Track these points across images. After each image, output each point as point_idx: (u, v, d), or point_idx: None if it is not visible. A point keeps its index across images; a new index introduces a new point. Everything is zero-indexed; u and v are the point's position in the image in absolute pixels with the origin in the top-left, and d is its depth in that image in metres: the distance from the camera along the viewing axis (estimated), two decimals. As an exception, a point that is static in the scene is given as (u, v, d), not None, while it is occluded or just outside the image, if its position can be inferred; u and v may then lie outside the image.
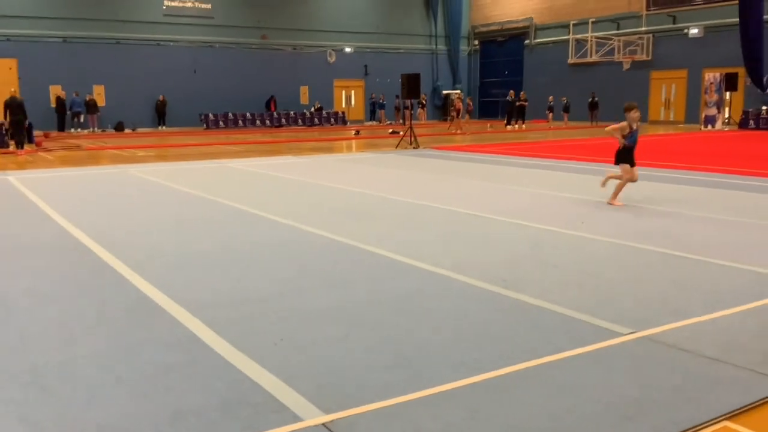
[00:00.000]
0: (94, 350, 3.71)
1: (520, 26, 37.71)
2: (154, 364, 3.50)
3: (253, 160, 15.40)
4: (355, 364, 3.46)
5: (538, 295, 4.59)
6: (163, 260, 5.80)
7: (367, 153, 17.57)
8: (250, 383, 3.25)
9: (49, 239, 6.78)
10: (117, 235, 6.87)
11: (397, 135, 22.58)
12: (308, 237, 6.74)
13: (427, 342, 3.77)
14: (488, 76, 40.52)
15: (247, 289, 4.90)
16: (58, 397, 3.13)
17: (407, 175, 12.26)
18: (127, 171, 13.25)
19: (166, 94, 30.98)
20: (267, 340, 3.83)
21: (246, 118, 32.54)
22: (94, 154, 18.25)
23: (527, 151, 16.73)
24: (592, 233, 6.67)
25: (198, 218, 7.92)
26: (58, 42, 29.12)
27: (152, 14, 30.97)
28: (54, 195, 9.89)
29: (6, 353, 3.67)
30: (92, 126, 29.19)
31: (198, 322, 4.15)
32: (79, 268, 5.58)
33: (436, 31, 39.12)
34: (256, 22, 33.45)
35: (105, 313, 4.37)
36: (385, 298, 4.62)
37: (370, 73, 37.14)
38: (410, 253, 5.86)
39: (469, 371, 3.34)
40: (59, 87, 28.75)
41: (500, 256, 5.82)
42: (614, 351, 3.62)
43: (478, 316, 4.22)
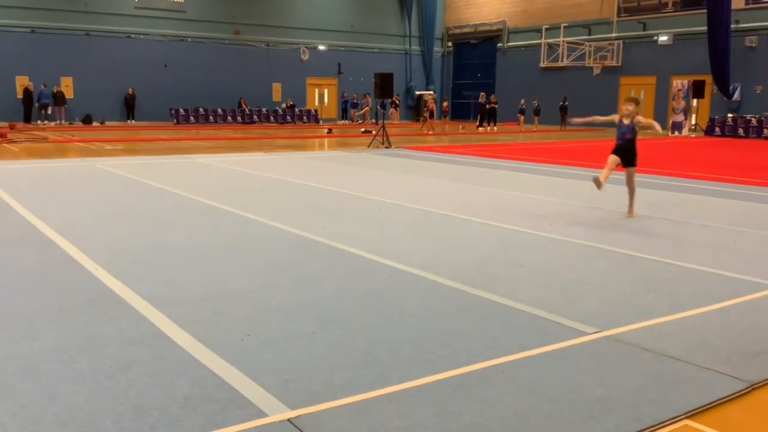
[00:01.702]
0: (56, 344, 3.64)
1: (494, 29, 37.96)
2: (117, 359, 3.44)
3: (223, 156, 15.26)
4: (322, 361, 3.45)
5: (505, 294, 4.63)
6: (129, 255, 5.72)
7: (340, 151, 17.54)
8: (215, 379, 3.22)
9: (12, 232, 6.64)
10: (83, 229, 6.76)
11: (369, 134, 22.56)
12: (278, 233, 6.70)
13: (394, 339, 3.77)
14: (461, 78, 40.71)
15: (214, 284, 4.85)
16: (18, 391, 3.06)
17: (379, 174, 12.26)
18: (94, 164, 13.04)
19: (136, 88, 30.56)
20: (234, 337, 3.79)
21: (217, 113, 32.23)
22: (61, 146, 17.92)
23: (497, 153, 16.85)
24: (560, 234, 6.74)
25: (166, 213, 7.82)
26: (26, 32, 28.52)
27: (123, 6, 30.50)
28: (19, 187, 9.68)
29: (-36, 347, 3.58)
30: (60, 118, 28.66)
31: (163, 317, 4.10)
32: (43, 261, 5.47)
33: (410, 32, 39.19)
34: (229, 17, 33.17)
35: (68, 307, 4.28)
36: (353, 296, 4.61)
37: (343, 72, 37.06)
38: (380, 251, 5.86)
39: (436, 369, 3.34)
40: (26, 78, 28.18)
41: (469, 255, 5.85)
42: (579, 350, 3.65)
43: (446, 314, 4.24)
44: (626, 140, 7.64)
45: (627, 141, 7.64)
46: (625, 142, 7.65)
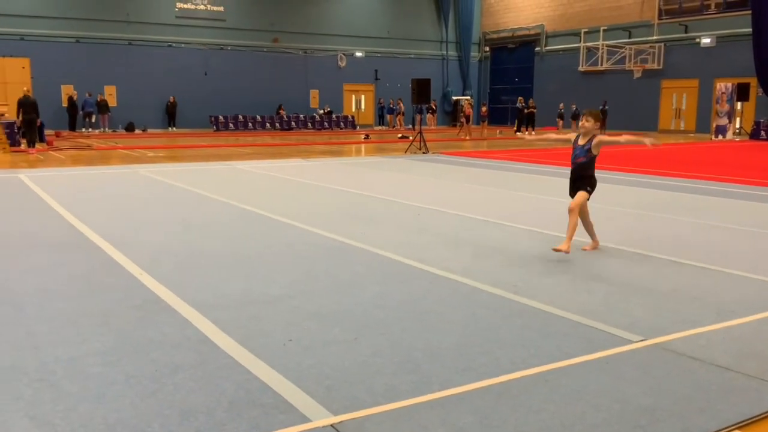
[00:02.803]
0: (104, 348, 3.71)
1: (532, 33, 37.69)
2: (162, 363, 3.50)
3: (262, 163, 15.43)
4: (363, 367, 3.45)
5: (548, 301, 4.57)
6: (172, 260, 5.81)
7: (377, 157, 17.58)
8: (258, 383, 3.25)
9: (59, 237, 6.81)
10: (127, 234, 6.89)
11: (406, 140, 22.58)
12: (317, 239, 6.74)
13: (435, 346, 3.76)
14: (498, 83, 40.50)
15: (255, 289, 4.90)
16: (67, 394, 3.13)
17: (416, 180, 12.25)
18: (137, 171, 13.30)
19: (177, 96, 31.12)
20: (276, 341, 3.82)
21: (256, 120, 32.63)
22: (105, 153, 18.34)
23: (536, 158, 16.70)
24: (602, 239, 6.64)
25: (207, 219, 7.94)
26: (71, 42, 29.29)
27: (164, 16, 31.12)
28: (64, 193, 9.93)
29: (16, 350, 3.68)
30: (103, 126, 29.34)
31: (207, 322, 4.15)
32: (89, 266, 5.60)
33: (446, 37, 39.15)
34: (268, 25, 33.57)
35: (114, 311, 4.37)
36: (393, 301, 4.61)
37: (380, 78, 37.18)
38: (419, 257, 5.85)
39: (478, 376, 3.32)
40: (71, 87, 28.91)
41: (510, 261, 5.80)
42: (625, 358, 3.59)
43: (487, 320, 4.21)
44: (578, 165, 6.15)
45: (578, 166, 6.14)
46: (576, 168, 6.16)
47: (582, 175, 6.12)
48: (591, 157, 6.11)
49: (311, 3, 34.76)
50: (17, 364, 3.48)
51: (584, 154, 6.11)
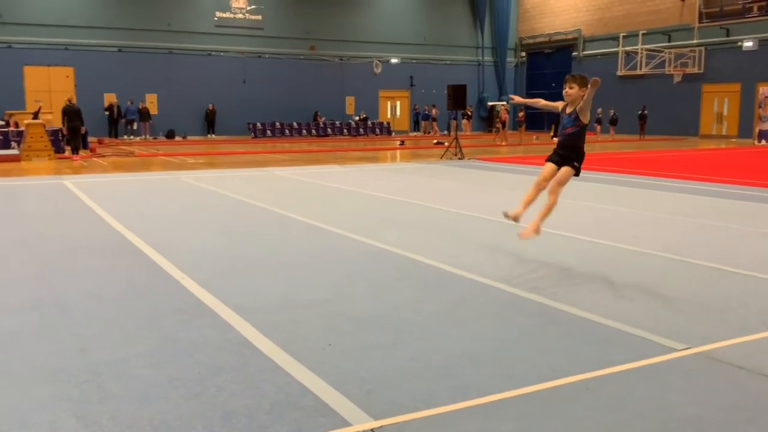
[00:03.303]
0: (147, 350, 3.79)
1: (569, 38, 37.36)
2: (205, 365, 3.55)
3: (299, 169, 15.57)
4: (402, 372, 3.46)
5: (589, 308, 4.52)
6: (213, 264, 5.90)
7: (413, 163, 17.59)
8: (299, 387, 3.27)
9: (103, 242, 6.96)
10: (168, 239, 7.02)
11: (442, 146, 22.56)
12: (354, 244, 6.77)
13: (474, 351, 3.74)
14: (535, 88, 40.19)
15: (294, 294, 4.95)
16: (113, 395, 3.20)
17: (452, 186, 12.22)
18: (178, 177, 13.53)
19: (216, 103, 31.60)
20: (315, 345, 3.85)
21: (293, 127, 32.95)
22: (146, 160, 18.70)
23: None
24: (643, 247, 6.54)
25: (246, 224, 8.03)
26: (114, 51, 29.98)
27: (204, 25, 31.67)
28: (108, 199, 10.15)
29: (63, 352, 3.77)
30: (144, 133, 29.93)
31: (247, 325, 4.20)
32: (133, 270, 5.72)
33: (482, 43, 39.04)
34: (304, 33, 33.91)
35: (157, 314, 4.46)
36: (431, 307, 4.61)
37: (415, 84, 37.23)
38: (456, 263, 5.84)
39: (519, 382, 3.30)
40: (114, 95, 29.57)
41: (549, 267, 5.75)
42: (668, 366, 3.53)
43: (526, 327, 4.17)
44: (566, 135, 5.57)
45: (567, 136, 5.56)
46: (565, 138, 5.59)
47: (571, 146, 5.54)
48: (580, 126, 5.46)
49: (347, 11, 35.01)
50: (65, 365, 3.57)
51: (572, 123, 5.49)
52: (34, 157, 17.68)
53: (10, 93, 27.55)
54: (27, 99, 28.17)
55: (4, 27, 27.86)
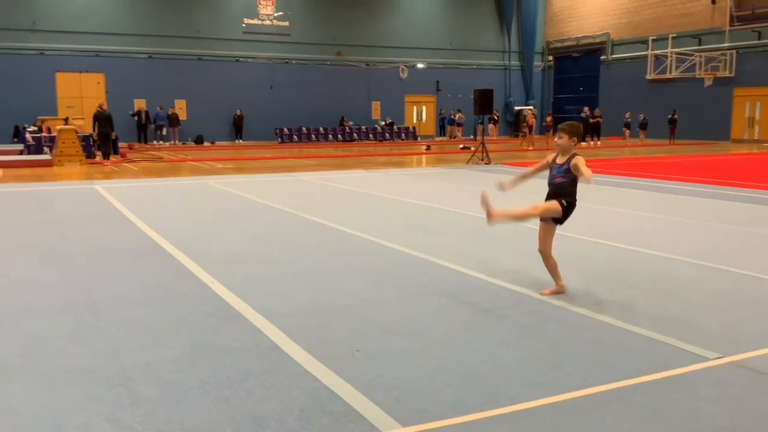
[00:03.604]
0: (178, 354, 3.83)
1: (597, 42, 37.02)
2: (235, 369, 3.59)
3: (325, 174, 15.63)
4: (431, 379, 3.45)
5: (617, 315, 4.47)
6: (241, 268, 5.95)
7: (439, 168, 17.56)
8: (327, 392, 3.29)
9: (134, 246, 7.06)
10: (198, 243, 7.10)
11: (468, 150, 22.49)
12: (381, 249, 6.78)
13: (503, 359, 3.73)
14: (562, 92, 39.92)
15: (322, 299, 4.97)
16: (145, 399, 3.24)
17: (479, 191, 12.16)
18: (206, 182, 13.68)
19: (244, 109, 31.89)
20: (343, 350, 3.87)
21: (319, 132, 33.11)
22: (176, 165, 18.93)
23: (602, 169, 16.36)
24: (672, 253, 6.45)
25: (273, 229, 8.09)
26: (144, 58, 30.42)
27: (232, 32, 31.99)
28: (138, 204, 10.30)
29: (96, 355, 3.83)
30: (174, 139, 30.30)
31: (276, 330, 4.23)
32: (163, 274, 5.79)
33: (509, 47, 38.88)
34: (331, 39, 34.08)
35: (188, 318, 4.51)
36: (459, 313, 4.59)
37: (441, 89, 37.20)
38: (484, 269, 5.82)
39: (548, 391, 3.27)
40: (143, 101, 30.00)
41: (578, 274, 5.70)
42: (700, 376, 3.48)
43: (557, 335, 4.14)
44: (554, 185, 5.10)
45: (555, 186, 5.08)
46: (554, 188, 5.10)
47: (560, 194, 5.05)
48: (571, 178, 4.99)
49: (374, 17, 35.12)
50: (98, 368, 3.63)
51: (562, 173, 5.03)
52: (66, 162, 18.00)
53: (43, 99, 28.09)
54: (59, 105, 28.70)
55: (36, 34, 28.43)
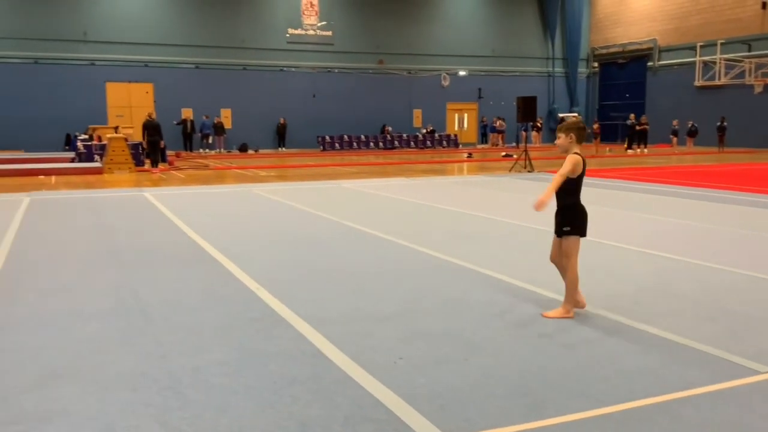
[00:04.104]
0: (225, 358, 3.90)
1: (643, 48, 36.43)
2: (280, 375, 3.63)
3: (367, 181, 15.70)
4: (475, 388, 3.44)
5: (666, 328, 4.39)
6: (285, 275, 6.02)
7: (481, 176, 17.48)
8: (371, 399, 3.30)
9: (182, 252, 7.21)
10: (243, 250, 7.21)
11: (510, 158, 22.34)
12: (422, 257, 6.78)
13: (548, 369, 3.69)
14: (608, 99, 39.36)
15: (365, 306, 5.00)
16: (193, 402, 3.31)
17: (521, 199, 12.07)
18: (250, 190, 13.88)
19: (287, 117, 32.29)
20: (386, 358, 3.88)
21: (360, 140, 33.29)
22: (221, 173, 19.26)
23: (649, 177, 16.07)
24: (724, 264, 6.30)
25: (316, 236, 8.16)
26: (191, 68, 31.08)
27: (277, 42, 32.46)
28: (185, 210, 10.50)
29: (146, 359, 3.93)
30: (219, 147, 30.83)
31: (320, 336, 4.27)
32: (210, 279, 5.90)
33: (553, 53, 38.54)
34: (374, 47, 34.30)
35: (234, 323, 4.58)
36: (503, 323, 4.56)
37: (483, 97, 37.05)
38: (528, 278, 5.77)
39: (596, 402, 3.23)
40: (190, 110, 30.61)
41: (624, 284, 5.61)
42: (752, 389, 3.39)
43: (603, 346, 4.08)
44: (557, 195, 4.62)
45: (557, 194, 4.60)
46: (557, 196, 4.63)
47: (559, 207, 4.65)
48: (568, 182, 4.54)
49: (416, 25, 35.23)
50: (148, 371, 3.71)
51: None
52: (116, 170, 18.48)
53: (93, 108, 28.91)
54: (109, 114, 29.50)
55: (88, 45, 29.29)
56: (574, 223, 4.56)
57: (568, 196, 4.56)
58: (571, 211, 4.57)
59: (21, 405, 3.29)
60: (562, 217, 4.60)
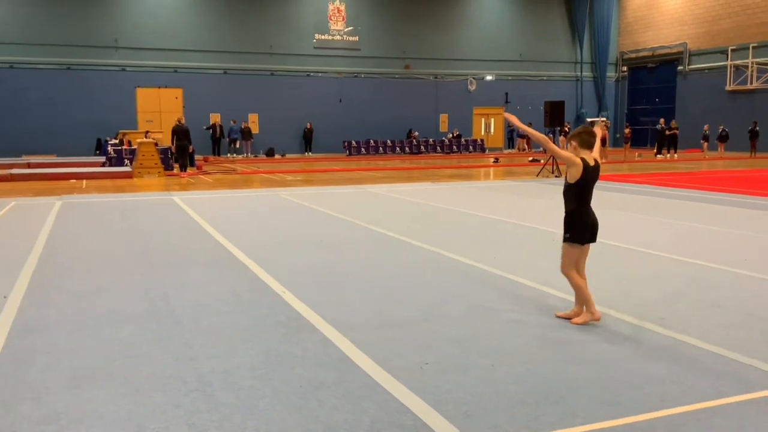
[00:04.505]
0: (253, 362, 3.93)
1: (673, 52, 35.95)
2: (307, 379, 3.65)
3: (393, 186, 15.72)
4: (502, 395, 3.42)
5: (699, 336, 4.32)
6: (311, 279, 6.05)
7: (507, 181, 17.39)
8: (397, 405, 3.31)
9: (209, 255, 7.28)
10: (270, 254, 7.25)
11: (537, 163, 22.19)
12: (448, 262, 6.77)
13: (577, 377, 3.66)
14: (637, 103, 38.92)
15: (391, 311, 5.00)
16: (222, 404, 3.34)
17: (549, 204, 11.98)
18: (277, 194, 13.97)
19: (313, 122, 32.45)
20: (412, 363, 3.88)
21: (386, 145, 33.34)
22: (248, 177, 19.42)
23: (679, 182, 15.85)
24: (756, 271, 6.19)
25: (342, 240, 8.19)
26: (220, 74, 31.41)
27: (304, 47, 32.67)
28: (213, 214, 10.61)
29: (175, 361, 3.97)
30: (246, 151, 31.10)
31: (346, 340, 4.29)
32: (237, 283, 5.95)
33: (581, 58, 38.22)
34: (400, 52, 34.34)
35: (261, 327, 4.62)
36: (530, 329, 4.53)
37: (510, 101, 36.88)
38: (555, 285, 5.72)
39: (626, 411, 3.19)
40: (218, 115, 30.94)
41: (655, 291, 5.54)
42: (788, 401, 3.33)
43: (633, 353, 4.04)
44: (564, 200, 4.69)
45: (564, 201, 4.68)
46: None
47: (565, 212, 4.65)
48: (566, 186, 4.55)
49: (443, 30, 35.20)
50: (177, 374, 3.76)
51: (564, 182, 4.65)
52: (146, 174, 18.74)
53: (124, 113, 29.36)
54: (139, 119, 29.93)
55: (119, 51, 29.75)
56: (572, 231, 4.55)
57: (571, 201, 4.54)
58: (572, 217, 4.56)
59: (54, 405, 3.36)
60: (564, 222, 4.63)
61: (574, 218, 4.53)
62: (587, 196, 4.54)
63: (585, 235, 4.52)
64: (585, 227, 4.52)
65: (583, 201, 4.52)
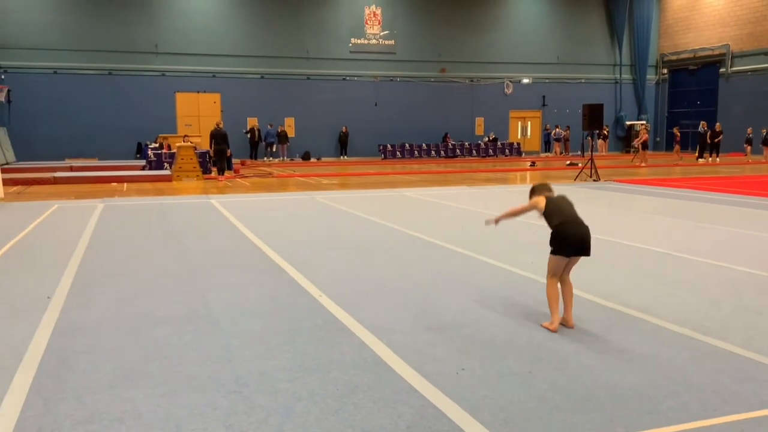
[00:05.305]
0: (289, 364, 3.96)
1: (715, 54, 35.21)
2: (343, 382, 3.66)
3: (428, 190, 15.68)
4: (540, 402, 3.38)
5: (742, 344, 4.21)
6: (347, 283, 6.07)
7: (545, 185, 17.18)
8: (433, 410, 3.29)
9: (247, 258, 7.36)
10: (306, 257, 7.30)
11: (575, 167, 21.93)
12: (485, 267, 6.72)
13: (617, 385, 3.59)
14: (677, 106, 38.19)
15: (427, 315, 4.98)
16: (259, 407, 3.37)
17: (587, 209, 11.80)
18: (313, 197, 14.06)
19: (349, 126, 32.60)
20: (449, 368, 3.86)
21: (421, 148, 33.30)
22: (284, 181, 19.58)
23: (721, 187, 15.50)
24: (804, 279, 6.01)
25: (378, 244, 8.20)
26: (257, 78, 31.76)
27: (340, 51, 32.85)
28: (250, 217, 10.72)
29: (213, 363, 4.02)
30: (282, 155, 31.38)
31: (382, 345, 4.29)
32: (274, 286, 6.00)
33: (620, 60, 37.67)
34: (436, 56, 34.29)
35: (298, 330, 4.65)
36: (568, 336, 4.48)
37: (547, 104, 36.54)
38: (594, 290, 5.64)
39: (666, 420, 3.13)
40: (255, 119, 31.29)
41: (696, 298, 5.42)
42: (837, 413, 3.22)
43: (673, 361, 3.96)
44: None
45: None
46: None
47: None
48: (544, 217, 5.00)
49: (479, 33, 35.05)
50: (215, 375, 3.80)
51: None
52: (184, 178, 19.04)
53: (163, 117, 29.89)
54: (178, 123, 30.42)
55: (159, 57, 30.31)
56: (554, 244, 4.84)
57: (550, 224, 4.93)
58: (553, 234, 4.88)
59: (95, 404, 3.42)
60: (550, 237, 4.92)
61: (556, 235, 4.85)
62: (562, 217, 4.89)
63: (567, 249, 4.79)
64: (566, 242, 4.80)
65: (560, 222, 4.86)
